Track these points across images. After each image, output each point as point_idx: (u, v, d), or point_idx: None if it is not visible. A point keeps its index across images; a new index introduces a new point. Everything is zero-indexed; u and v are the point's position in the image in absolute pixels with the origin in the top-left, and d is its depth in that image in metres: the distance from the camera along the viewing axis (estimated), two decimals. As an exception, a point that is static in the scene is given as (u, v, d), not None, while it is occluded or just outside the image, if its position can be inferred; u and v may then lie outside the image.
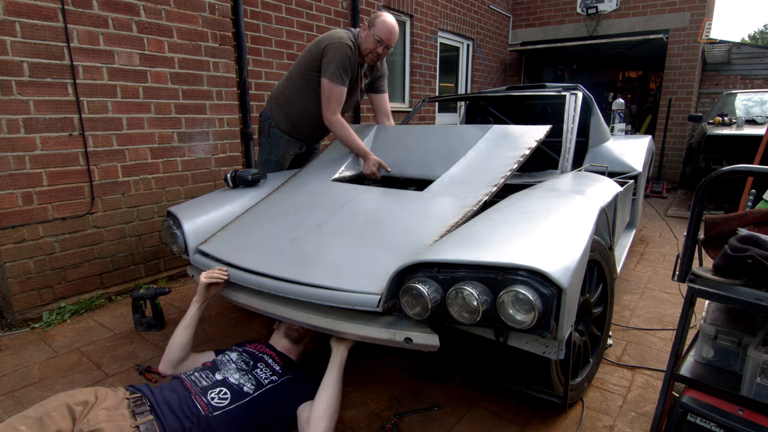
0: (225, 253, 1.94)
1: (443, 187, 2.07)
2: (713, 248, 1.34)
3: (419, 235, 1.70)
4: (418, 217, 1.84)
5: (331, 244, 1.80)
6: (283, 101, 2.79)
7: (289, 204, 2.21)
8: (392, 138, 2.70)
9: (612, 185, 2.24)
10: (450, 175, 2.16)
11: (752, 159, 3.72)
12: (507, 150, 2.21)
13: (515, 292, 1.25)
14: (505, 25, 8.18)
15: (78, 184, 2.70)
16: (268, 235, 1.97)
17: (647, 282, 3.15)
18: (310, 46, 2.62)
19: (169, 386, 1.55)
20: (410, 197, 2.04)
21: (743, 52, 7.48)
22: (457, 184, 2.06)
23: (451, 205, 1.89)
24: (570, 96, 2.63)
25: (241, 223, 2.16)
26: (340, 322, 1.54)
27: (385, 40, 2.51)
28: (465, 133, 2.45)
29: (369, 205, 2.03)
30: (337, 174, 2.48)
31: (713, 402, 1.23)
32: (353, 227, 1.88)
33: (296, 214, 2.08)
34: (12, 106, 2.39)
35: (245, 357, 1.72)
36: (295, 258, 1.76)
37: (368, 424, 1.71)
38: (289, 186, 2.45)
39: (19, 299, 2.53)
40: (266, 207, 2.25)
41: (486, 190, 1.96)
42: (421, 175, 2.36)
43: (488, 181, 2.02)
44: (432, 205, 1.92)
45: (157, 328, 2.48)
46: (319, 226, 1.92)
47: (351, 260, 1.68)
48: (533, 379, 1.68)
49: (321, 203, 2.13)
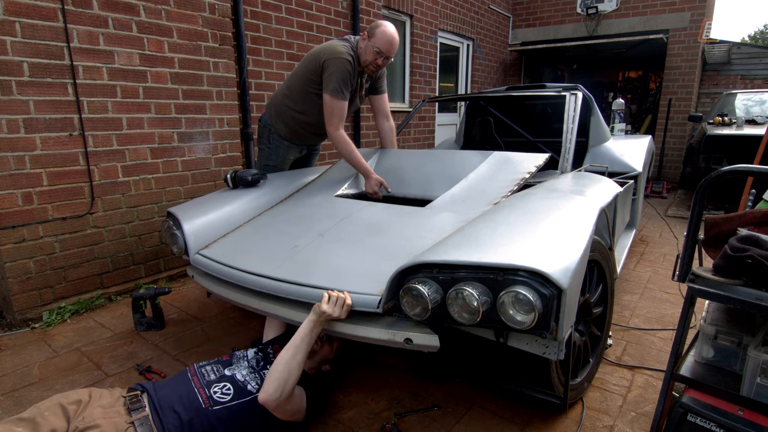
0: (225, 258, 1.94)
1: (444, 204, 2.10)
2: (713, 248, 1.34)
3: (419, 245, 1.71)
4: (419, 229, 1.86)
5: (333, 250, 1.81)
6: (283, 111, 2.76)
7: (291, 215, 2.23)
8: (394, 161, 2.72)
9: (612, 185, 2.25)
10: (451, 194, 2.19)
11: (752, 159, 3.72)
12: (507, 174, 2.25)
13: (515, 293, 1.25)
14: (505, 25, 8.18)
15: (78, 184, 2.70)
16: (269, 241, 1.99)
17: (647, 282, 3.15)
18: (308, 59, 2.59)
19: (174, 380, 1.57)
20: (411, 212, 2.06)
21: (743, 52, 7.48)
22: (458, 202, 2.09)
23: (451, 219, 1.91)
24: (570, 96, 2.63)
25: (243, 231, 2.17)
26: (341, 323, 1.54)
27: (385, 51, 2.48)
28: (466, 157, 2.47)
29: (371, 218, 2.05)
30: (341, 191, 2.51)
31: (713, 402, 1.23)
32: (355, 236, 1.89)
33: (298, 224, 2.10)
34: (12, 106, 2.39)
35: (259, 357, 1.73)
36: (295, 262, 1.77)
37: (368, 424, 1.71)
38: (293, 200, 2.47)
39: (19, 299, 2.53)
40: (268, 218, 2.27)
41: (486, 207, 1.97)
42: (422, 195, 2.38)
43: (488, 200, 2.04)
44: (433, 219, 1.94)
45: (157, 328, 2.48)
46: (322, 235, 1.94)
47: (352, 264, 1.69)
48: (533, 379, 1.68)
49: (323, 215, 2.15)
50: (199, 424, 1.42)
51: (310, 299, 1.59)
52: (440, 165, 2.50)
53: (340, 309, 1.49)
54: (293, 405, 1.50)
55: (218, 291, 1.91)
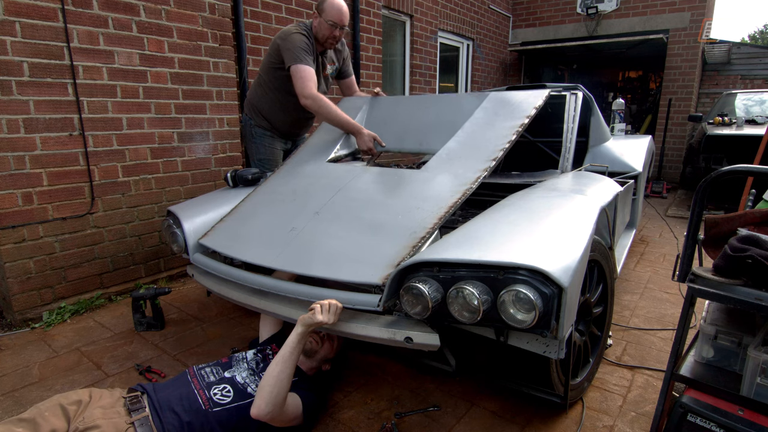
0: (225, 246, 1.94)
1: (440, 164, 2.03)
2: (713, 248, 1.34)
3: (417, 219, 1.69)
4: (416, 199, 1.82)
5: (329, 232, 1.78)
6: (258, 102, 2.84)
7: (286, 190, 2.18)
8: (386, 110, 2.64)
9: (612, 185, 2.24)
10: (447, 149, 2.11)
11: (752, 159, 3.71)
12: (505, 120, 2.16)
13: (516, 292, 1.25)
14: (505, 25, 8.18)
15: (78, 184, 2.70)
16: (267, 224, 1.97)
17: (647, 282, 3.15)
18: (269, 49, 2.71)
19: (174, 381, 1.58)
20: (407, 177, 2.01)
21: (743, 52, 7.48)
22: (454, 161, 2.01)
23: (449, 184, 1.86)
24: (570, 96, 2.63)
25: (240, 213, 2.15)
26: (340, 321, 1.54)
27: (338, 21, 2.57)
28: (462, 101, 2.40)
29: (366, 187, 2.00)
30: (333, 154, 2.39)
31: (713, 402, 1.23)
32: (351, 212, 1.85)
33: (294, 201, 2.05)
34: (12, 106, 2.39)
35: (258, 358, 1.72)
36: (294, 248, 1.76)
37: (368, 424, 1.71)
38: (285, 170, 2.41)
39: (19, 299, 2.53)
40: (263, 194, 2.23)
41: (484, 165, 1.93)
42: (418, 149, 2.32)
43: (486, 156, 1.98)
44: (430, 185, 1.90)
45: (157, 328, 2.48)
46: (317, 213, 1.91)
47: (349, 249, 1.67)
48: (533, 378, 1.68)
49: (318, 187, 2.10)
50: (198, 426, 1.42)
51: (310, 298, 1.59)
52: (435, 112, 2.42)
53: (333, 315, 1.49)
54: (288, 414, 1.50)
55: (218, 290, 1.91)
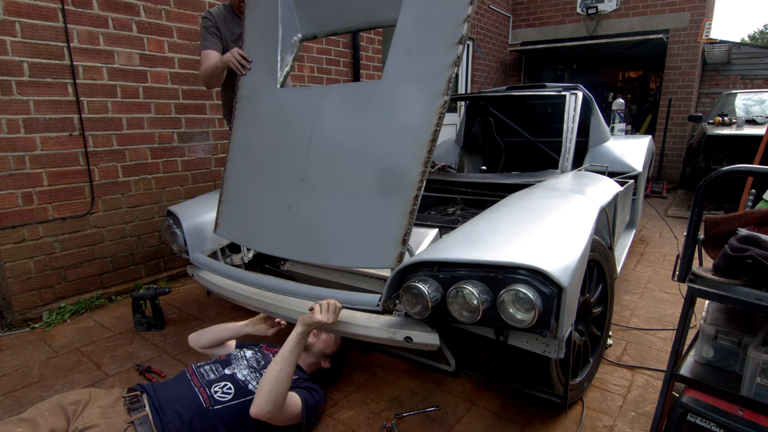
0: (239, 237, 2.02)
1: (400, 67, 1.71)
2: (713, 248, 1.34)
3: (402, 169, 1.60)
4: (393, 138, 1.67)
5: (324, 207, 1.76)
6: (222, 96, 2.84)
7: (258, 145, 2.08)
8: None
9: (612, 185, 2.24)
10: (401, 32, 1.72)
11: (752, 159, 3.71)
12: None
13: (515, 291, 1.25)
14: (505, 25, 8.18)
15: (78, 184, 2.70)
16: (264, 202, 1.97)
17: (647, 282, 3.15)
18: None
19: (174, 380, 1.58)
20: (370, 97, 1.78)
21: (743, 52, 7.48)
22: (414, 55, 1.68)
23: (419, 101, 1.63)
24: (570, 96, 2.63)
25: (233, 188, 2.14)
26: (340, 321, 1.54)
27: None
28: None
29: (334, 128, 1.83)
30: (280, 76, 2.10)
31: (713, 402, 1.23)
32: (333, 172, 1.78)
33: (273, 163, 1.97)
34: (12, 106, 2.39)
35: (258, 356, 1.72)
36: (300, 233, 1.79)
37: (368, 424, 1.71)
38: (243, 110, 2.20)
39: (19, 299, 2.53)
40: (242, 155, 2.15)
41: (450, 52, 1.58)
42: (366, 22, 1.98)
43: (449, 42, 1.59)
44: (399, 108, 1.68)
45: (157, 328, 2.48)
46: (303, 179, 1.85)
47: (352, 226, 1.67)
48: (533, 378, 1.68)
49: (287, 138, 1.96)
50: (199, 423, 1.42)
51: (310, 298, 1.60)
52: None
53: (333, 315, 1.50)
54: (287, 413, 1.50)
55: (218, 290, 1.91)
